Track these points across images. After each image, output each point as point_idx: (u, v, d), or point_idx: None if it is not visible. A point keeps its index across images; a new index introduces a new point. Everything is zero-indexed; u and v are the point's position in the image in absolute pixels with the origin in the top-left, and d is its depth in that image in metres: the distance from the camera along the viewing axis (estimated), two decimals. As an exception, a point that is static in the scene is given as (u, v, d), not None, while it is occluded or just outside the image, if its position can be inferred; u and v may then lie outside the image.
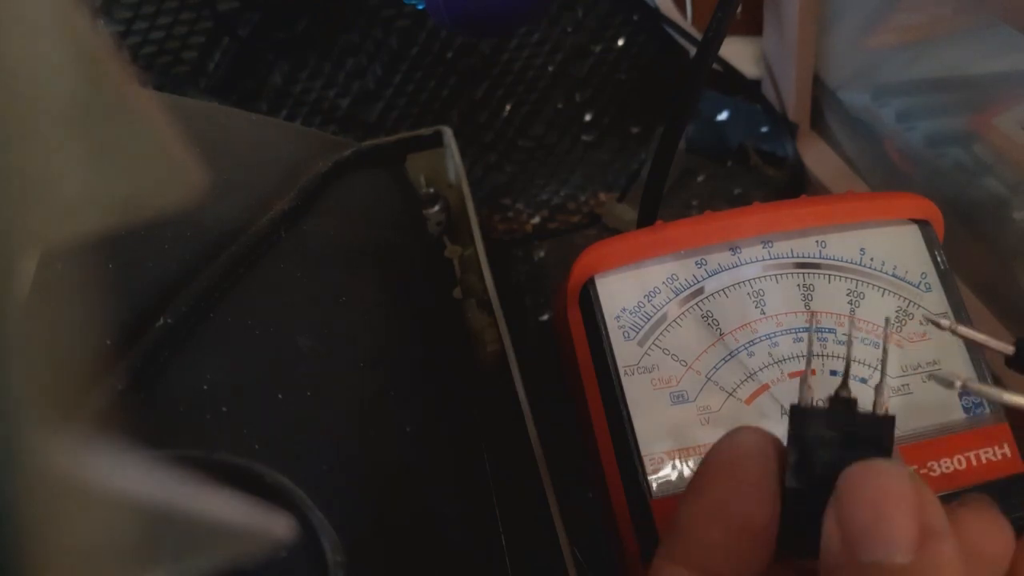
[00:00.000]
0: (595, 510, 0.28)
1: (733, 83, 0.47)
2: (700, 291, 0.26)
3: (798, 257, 0.27)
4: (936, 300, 0.27)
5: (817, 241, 0.27)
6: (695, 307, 0.26)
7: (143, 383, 0.19)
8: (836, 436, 0.17)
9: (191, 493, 0.11)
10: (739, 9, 0.30)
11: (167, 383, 0.19)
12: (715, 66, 0.46)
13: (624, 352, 0.26)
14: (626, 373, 0.25)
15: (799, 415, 0.17)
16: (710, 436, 0.25)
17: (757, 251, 0.27)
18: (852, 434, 0.17)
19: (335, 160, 0.30)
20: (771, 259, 0.27)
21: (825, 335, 0.26)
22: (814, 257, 0.27)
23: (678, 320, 0.26)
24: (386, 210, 0.32)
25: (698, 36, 0.44)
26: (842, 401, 0.18)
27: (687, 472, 0.24)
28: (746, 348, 0.25)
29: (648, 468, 0.24)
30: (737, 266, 0.27)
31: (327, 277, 0.26)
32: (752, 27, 0.46)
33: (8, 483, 0.09)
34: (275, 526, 0.12)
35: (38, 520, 0.09)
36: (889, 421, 0.18)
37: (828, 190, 0.43)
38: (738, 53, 0.47)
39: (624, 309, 0.26)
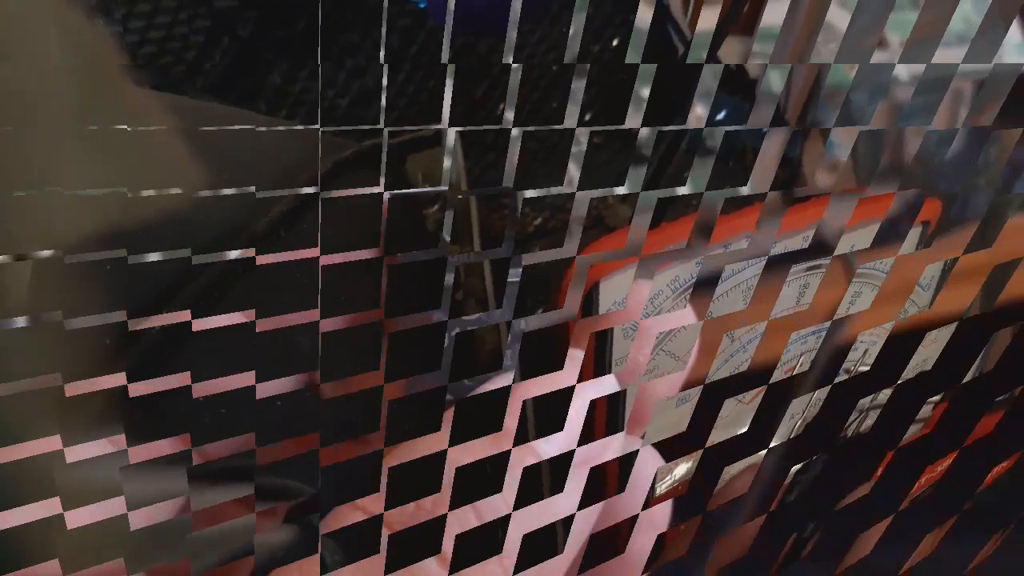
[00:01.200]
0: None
1: (733, 83, 0.47)
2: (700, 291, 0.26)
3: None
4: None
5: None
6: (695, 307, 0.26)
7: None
8: None
9: (191, 493, 0.11)
10: (739, 9, 0.30)
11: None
12: (715, 66, 0.46)
13: (624, 352, 0.26)
14: (626, 373, 0.25)
15: None
16: (711, 437, 0.25)
17: (757, 251, 0.27)
18: None
19: (335, 160, 0.29)
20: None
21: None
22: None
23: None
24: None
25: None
26: None
27: (687, 472, 0.24)
28: (746, 348, 0.25)
29: (648, 468, 0.24)
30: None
31: (327, 277, 0.26)
32: (752, 27, 0.46)
33: (10, 482, 0.09)
34: (275, 527, 0.12)
35: (39, 519, 0.09)
36: None
37: (828, 190, 0.42)
38: (738, 53, 0.47)
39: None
